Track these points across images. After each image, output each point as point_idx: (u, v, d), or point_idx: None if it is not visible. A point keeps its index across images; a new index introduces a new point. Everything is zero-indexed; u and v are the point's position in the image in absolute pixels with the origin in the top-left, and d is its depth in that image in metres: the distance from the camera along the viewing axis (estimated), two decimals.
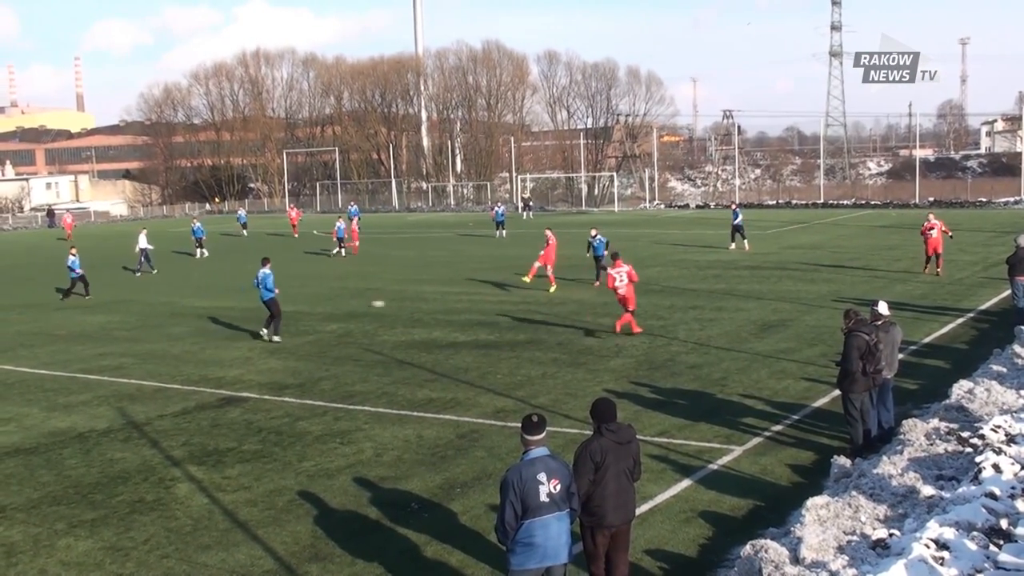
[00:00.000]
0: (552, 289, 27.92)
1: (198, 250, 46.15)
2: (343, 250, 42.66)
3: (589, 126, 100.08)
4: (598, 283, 28.33)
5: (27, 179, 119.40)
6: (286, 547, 9.80)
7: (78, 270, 31.33)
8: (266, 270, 22.33)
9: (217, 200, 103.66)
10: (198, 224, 47.74)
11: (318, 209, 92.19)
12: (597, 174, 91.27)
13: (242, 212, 67.49)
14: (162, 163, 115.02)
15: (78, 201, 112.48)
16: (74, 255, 31.99)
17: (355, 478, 11.86)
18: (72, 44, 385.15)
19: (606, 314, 23.13)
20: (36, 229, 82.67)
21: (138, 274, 38.41)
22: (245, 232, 59.72)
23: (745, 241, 38.59)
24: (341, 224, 43.77)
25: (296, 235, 56.35)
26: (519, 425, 7.61)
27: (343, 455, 12.88)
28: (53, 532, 10.49)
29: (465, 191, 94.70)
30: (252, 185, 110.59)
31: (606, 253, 27.82)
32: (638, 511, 8.94)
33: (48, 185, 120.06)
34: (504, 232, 49.49)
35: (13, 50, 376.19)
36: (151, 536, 10.25)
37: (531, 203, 73.54)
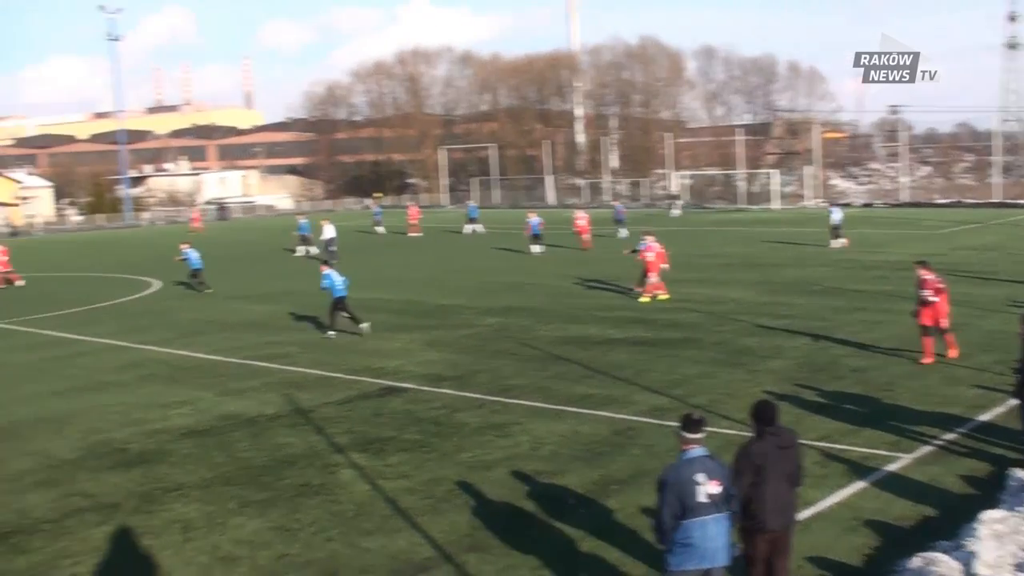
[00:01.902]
0: (661, 297, 25.98)
1: (301, 247, 45.18)
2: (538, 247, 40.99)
3: (747, 122, 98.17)
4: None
5: (200, 174, 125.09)
6: (444, 536, 9.99)
7: (195, 262, 32.50)
8: (326, 271, 23.11)
9: (377, 195, 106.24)
10: (304, 221, 47.84)
11: (476, 204, 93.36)
12: (756, 171, 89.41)
13: (378, 208, 66.68)
14: (325, 159, 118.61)
15: (247, 195, 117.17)
16: (187, 248, 33.25)
17: (512, 471, 11.99)
18: (243, 44, 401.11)
19: (765, 313, 22.69)
20: (207, 222, 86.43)
21: (333, 262, 39.41)
22: (380, 229, 58.56)
23: (841, 240, 38.57)
24: (535, 218, 42.00)
25: (415, 234, 54.70)
26: (676, 424, 7.54)
27: (500, 448, 13.04)
28: (225, 511, 10.98)
29: (620, 187, 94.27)
30: (411, 180, 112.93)
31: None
32: (800, 517, 8.75)
33: (220, 180, 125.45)
34: (625, 230, 48.17)
35: (189, 50, 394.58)
36: (316, 519, 10.61)
37: (678, 200, 72.47)
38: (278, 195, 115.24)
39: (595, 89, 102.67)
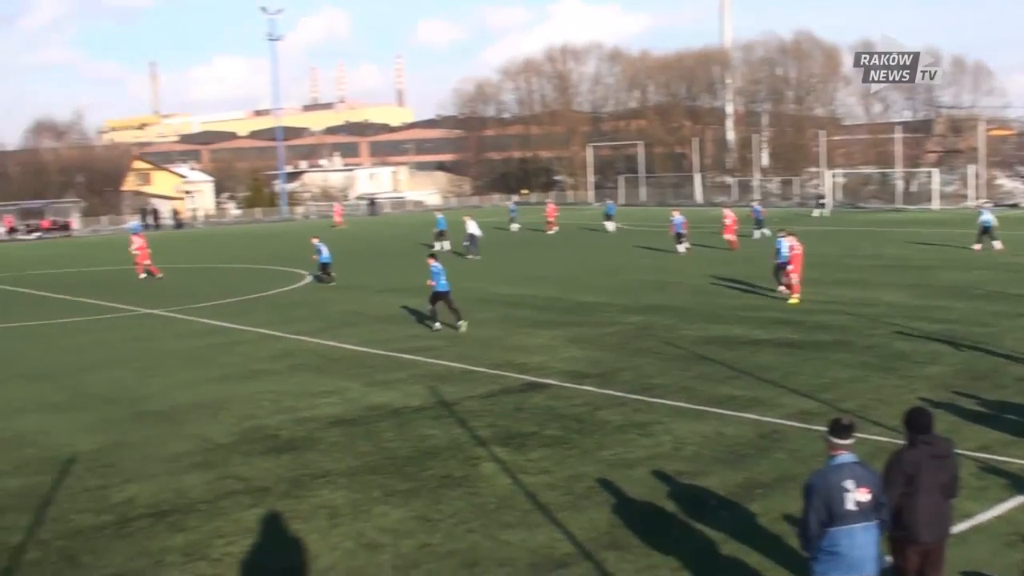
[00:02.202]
0: (793, 300, 25.22)
1: (438, 243, 45.88)
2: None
3: (907, 119, 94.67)
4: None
5: (352, 170, 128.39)
6: (584, 532, 9.96)
7: (325, 256, 33.61)
8: (434, 264, 23.45)
9: (524, 192, 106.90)
10: (440, 216, 49.06)
11: (622, 202, 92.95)
12: (915, 170, 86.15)
13: (513, 205, 66.58)
14: (474, 156, 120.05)
15: (397, 191, 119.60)
16: (317, 241, 34.42)
17: (653, 470, 11.87)
18: (397, 43, 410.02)
19: (921, 317, 21.86)
20: (359, 217, 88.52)
21: (470, 256, 40.40)
22: (515, 226, 58.58)
23: (995, 242, 36.93)
24: (679, 217, 41.32)
25: (552, 231, 54.77)
26: (824, 428, 7.31)
27: (642, 447, 12.93)
28: (370, 499, 11.22)
29: (771, 186, 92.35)
30: (557, 178, 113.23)
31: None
32: (955, 529, 8.38)
33: (371, 176, 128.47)
34: (766, 231, 47.05)
35: (345, 49, 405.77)
36: (458, 510, 10.73)
37: (822, 200, 70.40)
38: (427, 191, 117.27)
39: (747, 86, 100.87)
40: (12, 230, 73.99)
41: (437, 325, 22.85)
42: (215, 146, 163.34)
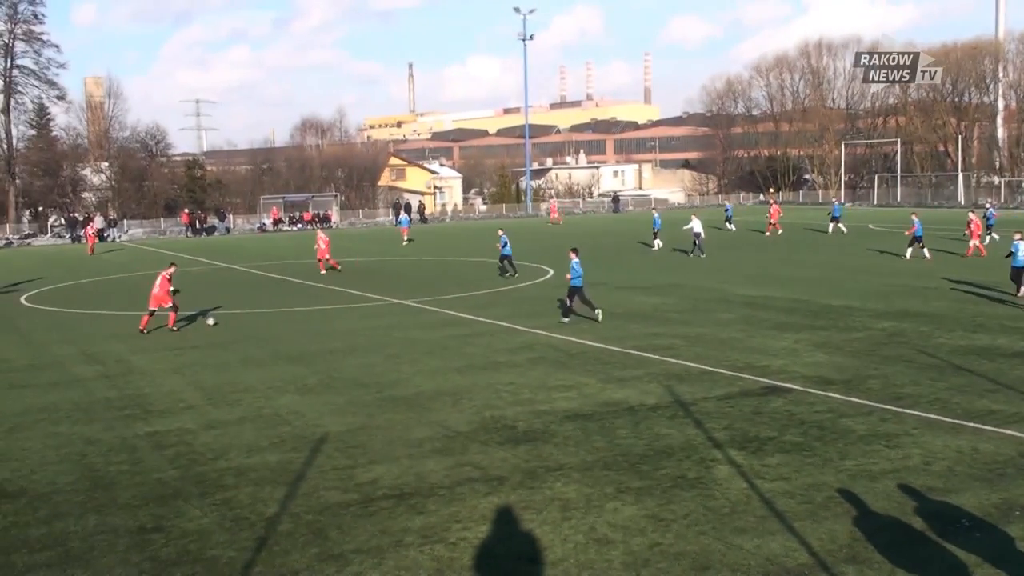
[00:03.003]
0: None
1: (655, 241, 46.55)
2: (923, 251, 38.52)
3: None
4: None
5: (597, 167, 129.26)
6: (822, 544, 9.58)
7: (507, 249, 34.96)
8: (574, 259, 24.46)
9: (772, 191, 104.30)
10: (657, 215, 48.86)
11: (875, 203, 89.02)
12: None
13: (729, 205, 65.51)
14: (720, 154, 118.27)
15: (640, 189, 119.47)
16: (502, 233, 35.74)
17: (899, 484, 11.26)
18: (647, 41, 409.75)
19: None
20: (602, 214, 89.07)
21: (691, 254, 40.31)
22: (731, 226, 57.89)
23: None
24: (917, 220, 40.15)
25: (772, 232, 53.38)
26: None
27: (888, 458, 12.31)
28: (603, 494, 11.23)
29: None
30: (807, 176, 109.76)
31: None
32: None
33: (615, 173, 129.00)
34: (995, 235, 43.63)
35: (595, 47, 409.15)
36: (690, 512, 10.57)
37: None
38: (671, 188, 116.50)
39: (1021, 79, 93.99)
40: (278, 221, 79.12)
41: (565, 319, 24.06)
42: (465, 143, 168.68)
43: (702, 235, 42.26)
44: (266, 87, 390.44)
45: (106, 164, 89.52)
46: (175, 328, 24.79)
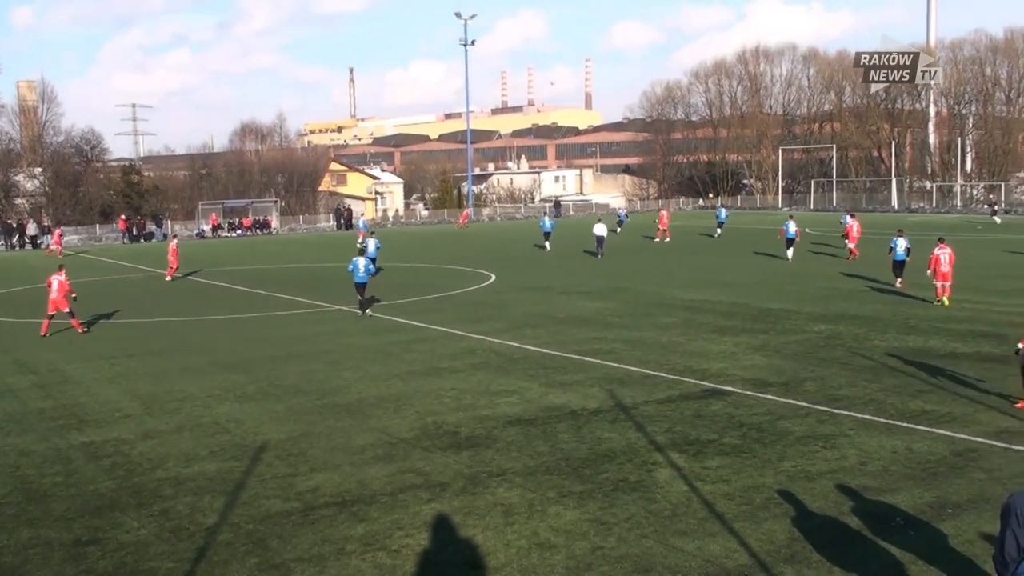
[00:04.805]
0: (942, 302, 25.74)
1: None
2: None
3: None
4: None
5: (539, 172, 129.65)
6: (761, 544, 9.70)
7: (371, 252, 35.56)
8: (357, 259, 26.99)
9: (711, 196, 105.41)
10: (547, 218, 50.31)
11: (811, 207, 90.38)
12: None
13: (724, 210, 66.39)
14: (660, 159, 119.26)
15: (581, 194, 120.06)
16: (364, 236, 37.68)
17: (836, 484, 11.45)
18: (590, 47, 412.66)
19: None
20: (553, 219, 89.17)
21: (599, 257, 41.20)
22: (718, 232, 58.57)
23: None
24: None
25: (660, 239, 54.73)
26: None
27: (825, 459, 12.50)
28: (545, 499, 11.26)
29: (975, 192, 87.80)
30: (745, 181, 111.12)
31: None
32: None
33: (556, 178, 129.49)
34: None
35: (538, 53, 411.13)
36: (632, 515, 10.64)
37: (995, 205, 68.09)
38: (611, 194, 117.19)
39: (952, 86, 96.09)
40: (217, 227, 78.22)
41: (368, 312, 26.76)
42: (406, 148, 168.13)
43: (604, 238, 45.42)
44: (207, 92, 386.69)
45: (39, 170, 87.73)
46: (86, 330, 25.44)
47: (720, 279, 33.61)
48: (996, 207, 68.98)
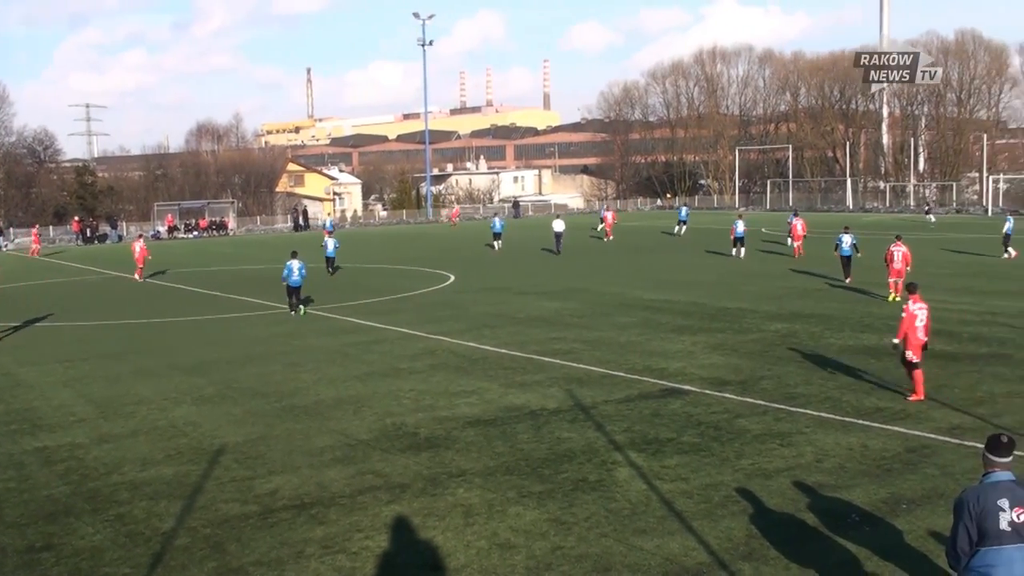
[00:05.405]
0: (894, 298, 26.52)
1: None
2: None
3: None
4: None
5: (498, 173, 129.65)
6: (719, 542, 9.77)
7: (330, 251, 38.55)
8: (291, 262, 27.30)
9: (668, 196, 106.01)
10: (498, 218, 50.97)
11: (767, 207, 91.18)
12: None
13: (684, 209, 66.64)
14: (618, 159, 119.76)
15: (540, 194, 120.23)
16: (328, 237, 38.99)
17: (794, 481, 11.57)
18: (549, 47, 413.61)
19: None
20: (504, 219, 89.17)
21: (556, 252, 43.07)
22: (681, 229, 58.82)
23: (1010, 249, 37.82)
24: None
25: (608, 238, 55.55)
26: (978, 444, 7.00)
27: (782, 457, 12.62)
28: (505, 499, 11.27)
29: (927, 192, 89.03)
30: (703, 182, 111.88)
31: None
32: None
33: (515, 179, 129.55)
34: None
35: (497, 53, 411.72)
36: (592, 514, 10.67)
37: (931, 206, 70.19)
38: (570, 194, 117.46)
39: (904, 88, 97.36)
40: (173, 228, 77.44)
41: (293, 313, 27.29)
42: (365, 149, 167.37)
43: (563, 234, 47.08)
44: (163, 92, 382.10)
45: None
46: None
47: (678, 279, 33.82)
48: (931, 208, 70.54)
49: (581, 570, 9.23)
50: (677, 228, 58.46)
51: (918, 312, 15.58)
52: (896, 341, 15.76)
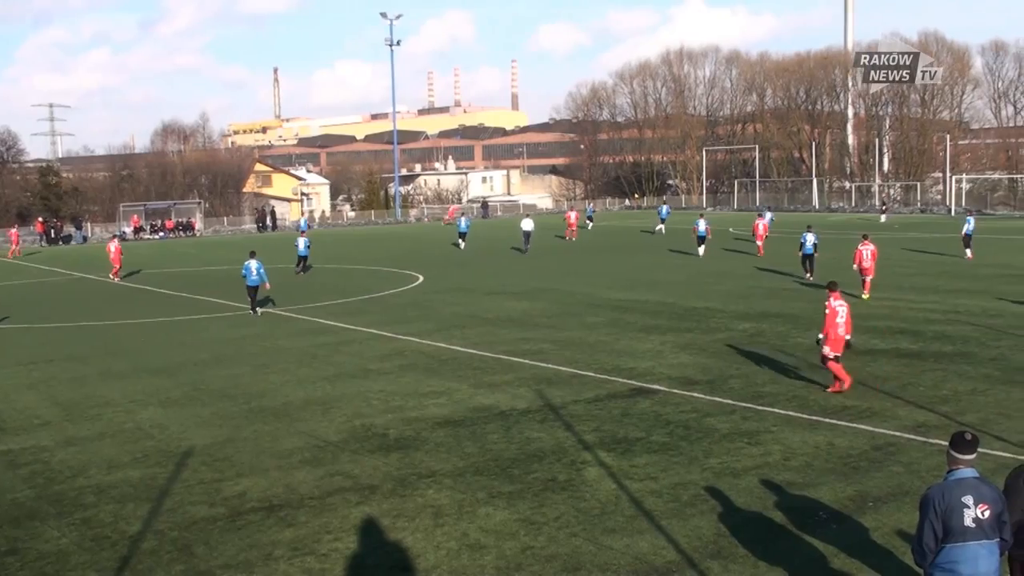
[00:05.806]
0: (864, 297, 27.11)
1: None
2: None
3: None
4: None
5: (466, 173, 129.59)
6: (688, 541, 9.82)
7: (302, 250, 39.18)
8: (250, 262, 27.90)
9: (636, 196, 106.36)
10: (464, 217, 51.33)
11: (735, 207, 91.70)
12: None
13: (665, 207, 67.25)
14: (586, 159, 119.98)
15: (509, 194, 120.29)
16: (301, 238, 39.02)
17: (761, 480, 11.65)
18: (517, 47, 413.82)
19: None
20: (472, 219, 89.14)
21: (524, 250, 41.06)
22: (662, 228, 59.89)
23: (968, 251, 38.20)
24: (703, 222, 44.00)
25: (569, 236, 55.93)
26: (942, 442, 7.10)
27: (750, 455, 12.70)
28: (475, 500, 11.27)
29: (892, 191, 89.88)
30: (671, 182, 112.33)
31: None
32: None
33: (484, 179, 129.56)
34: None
35: (465, 54, 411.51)
36: (561, 514, 10.70)
37: (886, 205, 72.08)
38: (539, 194, 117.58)
39: (869, 89, 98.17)
40: (139, 229, 76.77)
41: (259, 311, 27.75)
42: (332, 149, 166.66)
43: (531, 233, 47.81)
44: (128, 91, 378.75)
45: None
46: None
47: (646, 278, 33.93)
48: (886, 207, 72.34)
49: (551, 570, 9.25)
50: (658, 227, 59.06)
51: (839, 309, 16.22)
52: (820, 337, 16.41)
